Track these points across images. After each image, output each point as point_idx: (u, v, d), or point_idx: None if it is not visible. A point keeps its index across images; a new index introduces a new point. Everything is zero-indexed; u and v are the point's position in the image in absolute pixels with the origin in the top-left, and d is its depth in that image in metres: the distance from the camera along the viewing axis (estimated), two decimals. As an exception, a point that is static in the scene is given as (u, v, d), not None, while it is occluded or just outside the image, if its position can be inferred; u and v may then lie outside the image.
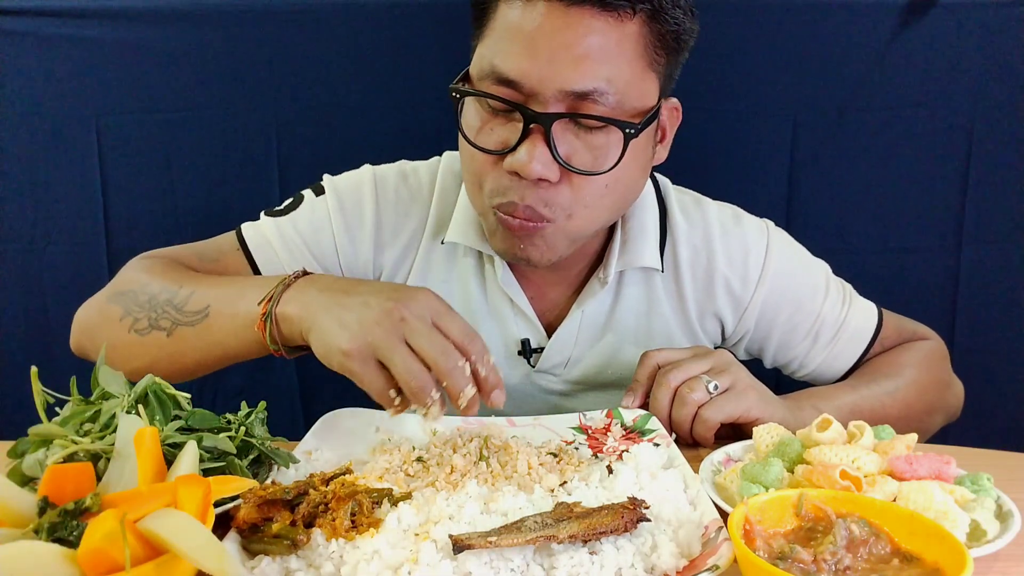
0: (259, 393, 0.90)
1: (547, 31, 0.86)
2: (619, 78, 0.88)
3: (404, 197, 1.13)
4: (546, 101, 0.87)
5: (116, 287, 1.06)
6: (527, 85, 0.87)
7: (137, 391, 0.77)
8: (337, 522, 0.65)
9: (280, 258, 1.10)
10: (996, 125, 1.61)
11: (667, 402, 0.93)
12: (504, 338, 1.12)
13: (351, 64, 1.63)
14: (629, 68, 0.89)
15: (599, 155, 0.91)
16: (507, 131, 0.91)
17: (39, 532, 0.57)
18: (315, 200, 1.12)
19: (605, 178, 0.92)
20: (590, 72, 0.86)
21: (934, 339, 1.22)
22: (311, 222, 1.11)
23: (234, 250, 1.12)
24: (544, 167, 0.88)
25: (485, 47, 0.92)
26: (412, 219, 1.12)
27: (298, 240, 1.10)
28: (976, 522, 0.66)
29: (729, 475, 0.78)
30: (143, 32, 1.60)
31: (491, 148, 0.92)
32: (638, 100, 0.91)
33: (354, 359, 0.80)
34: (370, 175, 1.13)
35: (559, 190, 0.92)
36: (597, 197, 0.94)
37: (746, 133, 1.63)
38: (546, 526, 0.63)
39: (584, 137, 0.90)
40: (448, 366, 0.79)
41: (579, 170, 0.90)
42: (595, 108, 0.88)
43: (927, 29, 1.57)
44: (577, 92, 0.87)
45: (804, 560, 0.58)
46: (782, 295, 1.12)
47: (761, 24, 1.58)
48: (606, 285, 1.08)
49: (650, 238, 1.08)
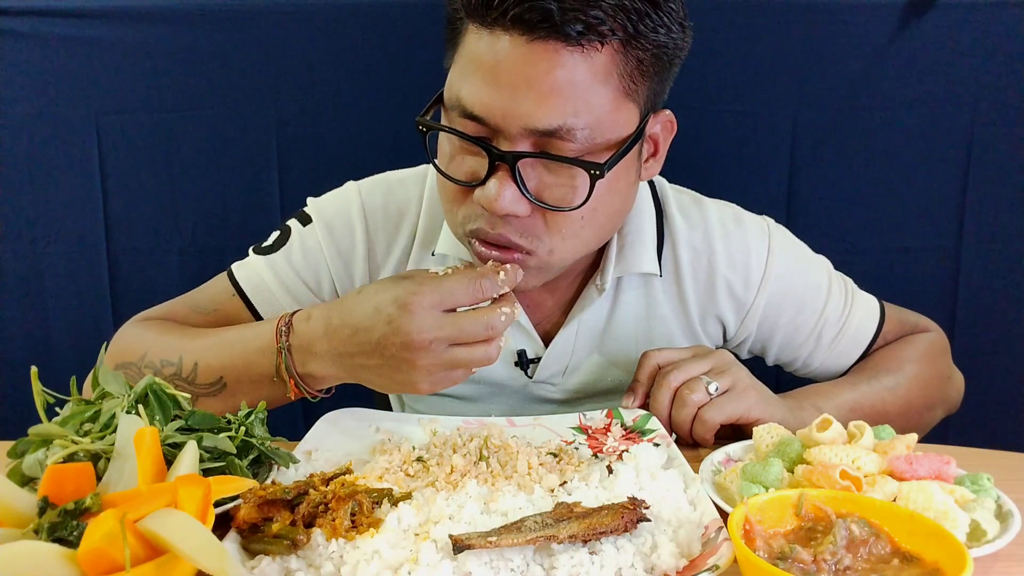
0: (259, 393, 0.90)
1: (509, 66, 0.82)
2: (589, 112, 0.83)
3: (392, 213, 1.10)
4: (512, 138, 0.84)
5: (117, 359, 1.02)
6: (492, 121, 0.84)
7: (137, 391, 0.77)
8: (337, 522, 0.65)
9: (278, 299, 1.08)
10: (996, 125, 1.61)
11: (667, 403, 0.93)
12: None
13: (351, 64, 1.63)
14: (600, 101, 0.84)
15: (570, 190, 0.87)
16: (476, 163, 0.88)
17: (39, 532, 0.57)
18: (303, 231, 1.10)
19: (580, 211, 0.88)
20: (556, 109, 0.82)
21: (935, 331, 1.21)
22: (303, 255, 1.09)
23: (230, 296, 1.09)
24: (512, 203, 0.85)
25: (455, 73, 0.89)
26: (402, 234, 1.10)
27: (293, 276, 1.09)
28: (976, 522, 0.66)
29: (729, 475, 0.78)
30: (143, 32, 1.60)
31: (461, 179, 0.89)
32: (612, 132, 0.86)
33: (432, 391, 0.86)
34: (356, 196, 1.11)
35: (533, 222, 0.89)
36: (575, 229, 0.90)
37: (746, 133, 1.63)
38: (546, 526, 0.63)
39: (555, 171, 0.86)
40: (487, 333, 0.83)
41: (549, 206, 0.87)
42: (563, 145, 0.84)
43: (927, 29, 1.57)
44: (541, 130, 0.83)
45: (804, 560, 0.58)
46: (785, 296, 1.11)
47: (761, 24, 1.58)
48: (603, 292, 1.05)
49: (647, 243, 1.06)
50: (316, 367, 0.89)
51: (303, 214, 1.12)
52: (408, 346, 0.81)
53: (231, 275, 1.11)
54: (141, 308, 1.13)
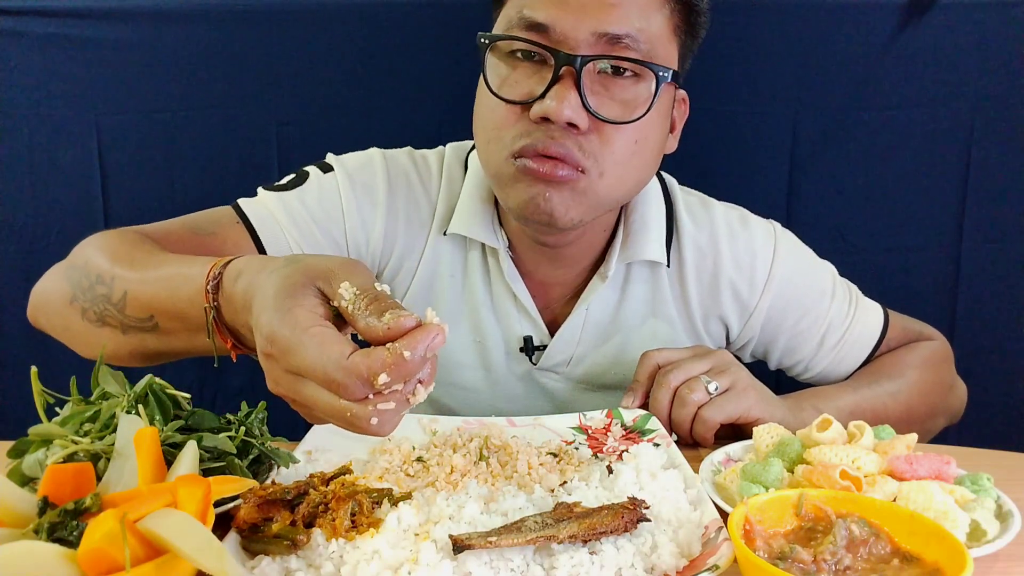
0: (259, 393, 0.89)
1: None
2: (648, 31, 0.89)
3: (415, 181, 1.09)
4: (577, 45, 0.87)
5: (71, 259, 0.97)
6: (558, 29, 0.87)
7: (137, 391, 0.76)
8: (337, 522, 0.65)
9: (287, 233, 1.03)
10: (996, 125, 1.61)
11: (667, 402, 0.93)
12: (506, 334, 1.10)
13: (351, 64, 1.63)
14: (658, 24, 0.91)
15: (628, 106, 0.91)
16: (532, 81, 0.90)
17: (39, 532, 0.57)
18: (323, 177, 1.06)
19: (634, 133, 0.92)
20: (623, 18, 0.88)
21: (939, 339, 1.21)
22: (320, 199, 1.05)
23: (233, 223, 1.03)
24: (574, 112, 0.87)
25: (511, 7, 0.92)
26: (422, 207, 1.09)
27: (306, 216, 1.04)
28: (976, 522, 0.66)
29: (729, 475, 0.78)
30: (143, 32, 1.60)
31: (518, 99, 0.90)
32: (663, 60, 0.92)
33: None
34: (380, 156, 1.10)
35: (588, 139, 0.90)
36: (627, 154, 0.93)
37: (746, 133, 1.63)
38: (546, 526, 0.63)
39: (612, 88, 0.90)
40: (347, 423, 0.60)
41: (608, 119, 0.89)
42: (627, 54, 0.89)
43: (927, 29, 1.57)
44: (611, 34, 0.87)
45: (804, 560, 0.58)
46: (789, 300, 1.10)
47: (761, 24, 1.58)
48: (607, 280, 1.06)
49: (653, 231, 1.07)
50: (245, 331, 0.73)
51: (323, 163, 1.09)
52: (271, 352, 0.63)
53: (236, 207, 1.05)
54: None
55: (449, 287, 1.08)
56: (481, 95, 0.96)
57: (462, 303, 1.09)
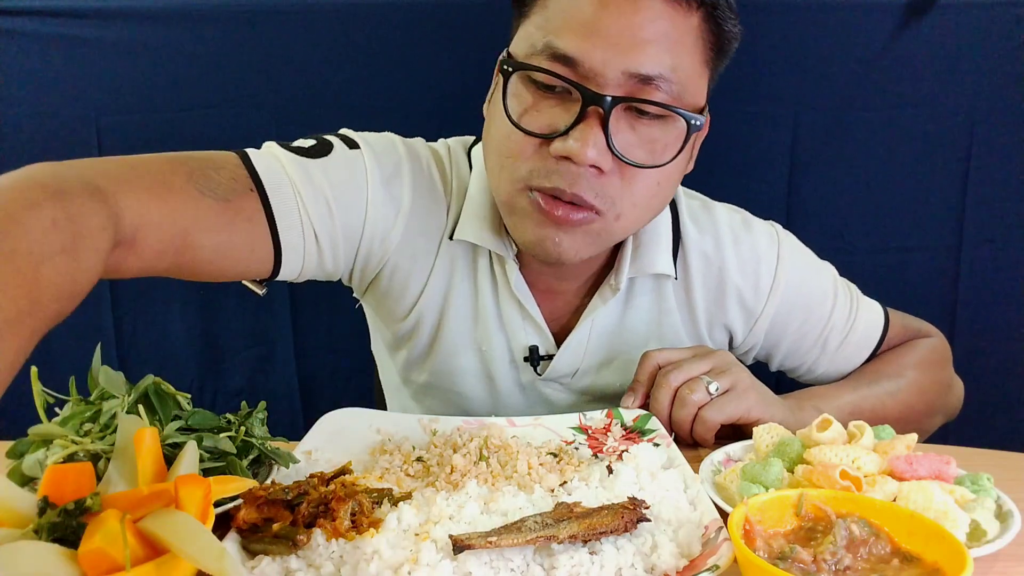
0: (259, 393, 0.90)
1: (613, 12, 0.82)
2: (681, 69, 0.85)
3: (436, 180, 1.03)
4: (606, 83, 0.82)
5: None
6: (587, 64, 0.82)
7: (137, 391, 0.76)
8: (337, 522, 0.65)
9: (300, 209, 0.89)
10: (996, 125, 1.61)
11: (667, 403, 0.93)
12: (511, 343, 1.08)
13: (351, 64, 1.63)
14: (690, 62, 0.86)
15: (654, 149, 0.87)
16: (555, 114, 0.85)
17: (39, 532, 0.57)
18: (349, 152, 0.96)
19: (657, 175, 0.88)
20: (657, 57, 0.83)
21: (938, 337, 1.21)
22: (348, 178, 0.94)
23: (247, 191, 0.86)
24: (598, 154, 0.83)
25: (534, 25, 0.86)
26: (439, 209, 1.03)
27: (328, 193, 0.91)
28: (976, 522, 0.66)
29: (729, 475, 0.78)
30: (143, 32, 1.60)
31: (538, 131, 0.85)
32: (694, 97, 0.88)
33: None
34: (399, 139, 1.03)
35: (609, 181, 0.86)
36: (648, 196, 0.90)
37: (746, 133, 1.63)
38: (546, 526, 0.63)
39: (640, 129, 0.86)
40: None
41: (634, 162, 0.85)
42: (656, 95, 0.83)
43: (927, 29, 1.57)
44: (642, 75, 0.82)
45: (804, 560, 0.58)
46: (792, 305, 1.09)
47: (761, 24, 1.58)
48: (618, 292, 1.03)
49: (663, 244, 1.04)
50: None
51: (345, 137, 0.98)
52: None
53: (247, 163, 0.89)
54: (141, 308, 1.13)
55: (459, 293, 1.06)
56: (497, 116, 0.90)
57: (468, 309, 1.07)
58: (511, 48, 0.91)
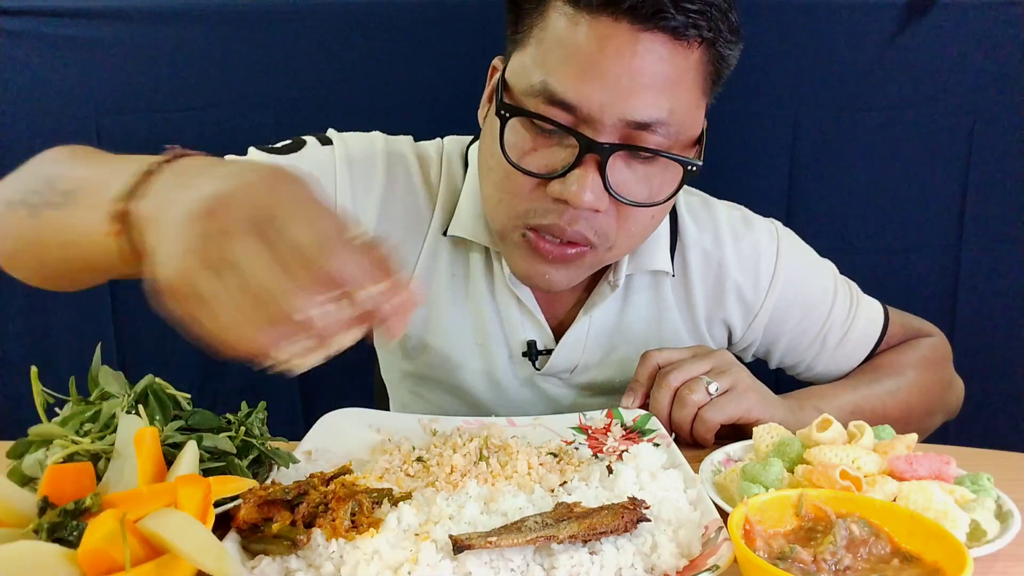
0: (259, 393, 0.89)
1: (612, 55, 0.80)
2: (680, 109, 0.84)
3: (415, 174, 1.05)
4: (603, 129, 0.82)
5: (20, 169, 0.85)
6: (585, 110, 0.81)
7: (137, 391, 0.77)
8: (337, 522, 0.65)
9: None
10: (996, 125, 1.61)
11: (667, 403, 0.93)
12: (509, 338, 1.08)
13: (351, 64, 1.63)
14: (689, 98, 0.85)
15: (651, 186, 0.88)
16: (553, 154, 0.86)
17: (39, 532, 0.57)
18: (320, 148, 1.01)
19: (652, 209, 0.89)
20: (656, 102, 0.82)
21: (938, 336, 1.21)
22: (313, 171, 0.97)
23: None
24: (596, 197, 0.83)
25: (529, 57, 0.85)
26: (421, 203, 1.05)
27: None
28: (976, 522, 0.66)
29: (729, 475, 0.78)
30: (143, 32, 1.60)
31: (535, 171, 0.86)
32: (691, 130, 0.88)
33: (170, 305, 0.56)
34: (382, 140, 1.06)
35: (604, 218, 0.88)
36: (642, 227, 0.92)
37: (746, 133, 1.63)
38: (546, 526, 0.63)
39: (637, 168, 0.86)
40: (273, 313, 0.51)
41: (632, 202, 0.86)
42: (652, 139, 0.84)
43: (927, 29, 1.57)
44: (638, 122, 0.82)
45: (804, 560, 0.58)
46: (792, 301, 1.10)
47: (761, 24, 1.58)
48: (616, 289, 1.04)
49: (661, 241, 1.06)
50: (150, 204, 0.60)
51: (323, 136, 1.04)
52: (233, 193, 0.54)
53: None
54: (141, 308, 1.12)
55: (449, 288, 1.07)
56: (493, 148, 0.89)
57: (464, 304, 1.08)
58: (506, 75, 0.89)
